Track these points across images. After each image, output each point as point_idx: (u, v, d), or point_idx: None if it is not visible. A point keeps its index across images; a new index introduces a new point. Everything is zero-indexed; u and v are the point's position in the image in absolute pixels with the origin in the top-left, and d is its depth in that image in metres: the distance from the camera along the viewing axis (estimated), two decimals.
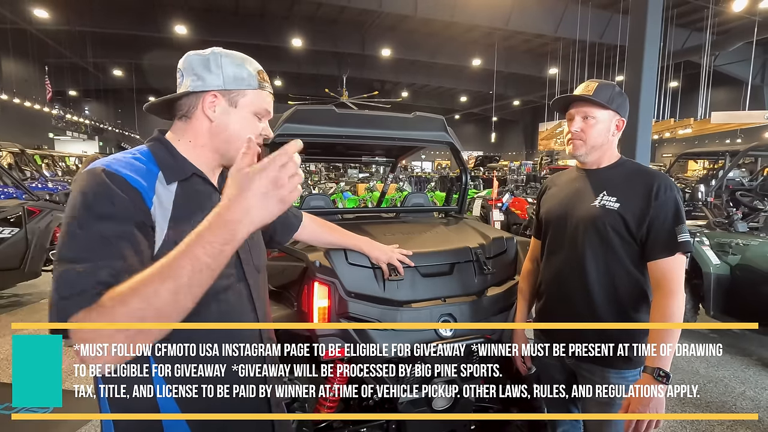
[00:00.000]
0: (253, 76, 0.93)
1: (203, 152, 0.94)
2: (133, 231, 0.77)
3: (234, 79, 0.92)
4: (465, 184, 2.44)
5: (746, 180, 7.92)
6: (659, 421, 1.24)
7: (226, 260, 0.69)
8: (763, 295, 3.32)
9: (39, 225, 4.45)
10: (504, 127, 33.38)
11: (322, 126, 1.96)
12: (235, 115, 0.92)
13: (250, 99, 0.93)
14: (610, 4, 13.69)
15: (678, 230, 1.27)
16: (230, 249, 0.68)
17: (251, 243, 1.00)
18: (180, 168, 0.90)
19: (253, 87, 0.93)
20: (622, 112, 1.40)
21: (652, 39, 6.08)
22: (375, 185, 10.55)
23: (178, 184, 0.88)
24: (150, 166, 0.87)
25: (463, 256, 1.68)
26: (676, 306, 1.26)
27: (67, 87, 23.16)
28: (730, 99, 18.77)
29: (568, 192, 1.46)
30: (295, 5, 15.01)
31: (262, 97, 0.94)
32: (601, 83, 1.37)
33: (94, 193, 0.76)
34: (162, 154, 0.90)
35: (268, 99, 0.96)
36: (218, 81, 0.91)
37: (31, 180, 9.24)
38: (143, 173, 0.84)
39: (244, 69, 0.93)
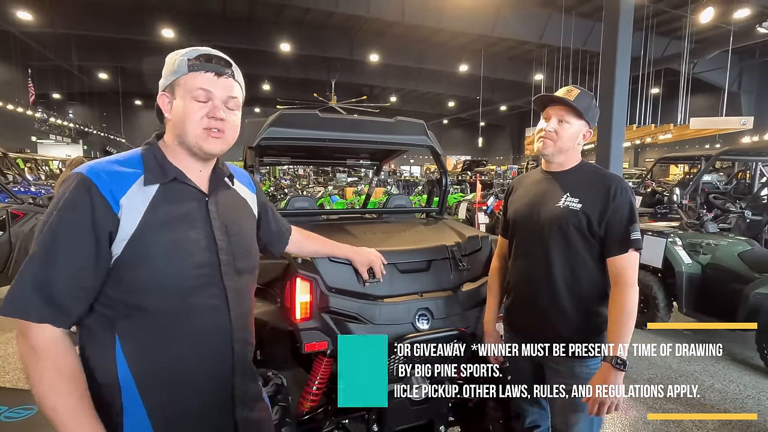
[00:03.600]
0: (182, 63, 0.94)
1: (177, 150, 0.98)
2: (87, 237, 0.86)
3: (171, 74, 0.95)
4: (445, 187, 2.53)
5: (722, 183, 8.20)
6: (619, 402, 1.34)
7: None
8: (731, 292, 3.48)
9: (23, 228, 4.42)
10: (491, 131, 33.73)
11: (306, 130, 2.02)
12: (178, 104, 0.95)
13: (183, 85, 0.94)
14: (592, 13, 14.03)
15: (631, 229, 1.38)
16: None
17: (236, 245, 1.02)
18: (162, 171, 0.95)
19: (183, 73, 0.94)
20: (591, 124, 1.50)
21: (624, 47, 6.27)
22: (363, 189, 10.63)
23: (161, 186, 0.94)
24: (135, 168, 0.93)
25: (439, 254, 1.76)
26: (631, 299, 1.37)
27: (51, 90, 22.77)
28: (708, 105, 19.31)
29: (534, 193, 1.55)
30: (284, 10, 15.04)
31: (194, 78, 0.93)
32: (582, 91, 1.45)
33: (67, 201, 0.87)
34: (149, 157, 0.96)
35: (201, 78, 0.94)
36: (162, 80, 0.97)
37: (14, 184, 9.12)
38: (120, 177, 0.90)
39: (176, 60, 0.95)
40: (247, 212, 1.14)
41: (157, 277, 0.89)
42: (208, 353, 0.97)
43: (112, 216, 0.87)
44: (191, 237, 0.94)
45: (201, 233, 0.96)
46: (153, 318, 0.90)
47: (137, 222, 0.88)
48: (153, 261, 0.89)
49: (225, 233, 1.00)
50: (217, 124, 0.95)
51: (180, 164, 0.98)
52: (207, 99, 0.94)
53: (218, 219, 0.99)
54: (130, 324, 0.90)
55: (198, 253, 0.94)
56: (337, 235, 1.75)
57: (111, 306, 0.89)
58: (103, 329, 0.90)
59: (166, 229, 0.91)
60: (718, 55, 14.88)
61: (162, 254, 0.90)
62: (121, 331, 0.89)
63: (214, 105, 0.95)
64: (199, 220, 0.97)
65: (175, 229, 0.93)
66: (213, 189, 1.02)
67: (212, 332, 0.97)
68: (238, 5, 14.86)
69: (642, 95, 15.72)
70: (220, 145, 0.97)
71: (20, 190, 8.35)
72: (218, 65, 0.95)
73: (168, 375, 0.93)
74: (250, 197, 1.17)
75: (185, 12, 14.81)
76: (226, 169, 1.08)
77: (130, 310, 0.89)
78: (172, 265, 0.91)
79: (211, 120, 0.94)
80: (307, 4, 13.24)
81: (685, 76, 14.21)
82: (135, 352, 0.90)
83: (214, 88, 0.94)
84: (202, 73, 0.94)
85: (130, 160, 0.95)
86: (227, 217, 1.02)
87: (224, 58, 0.98)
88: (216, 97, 0.95)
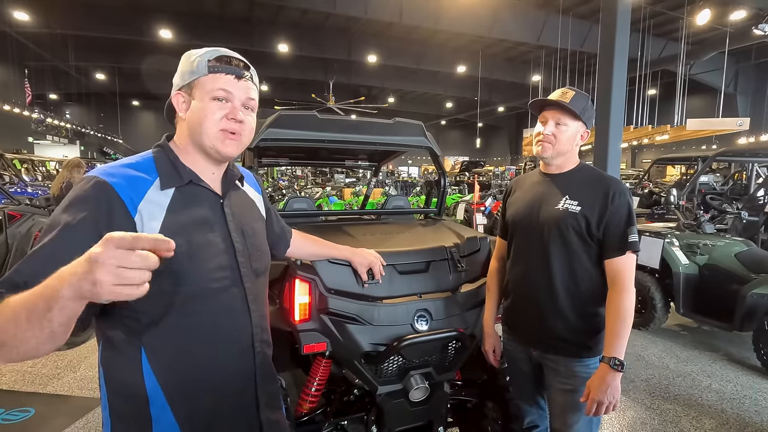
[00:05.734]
0: (202, 64, 0.93)
1: (191, 151, 0.97)
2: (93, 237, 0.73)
3: (189, 73, 0.94)
4: (443, 188, 2.53)
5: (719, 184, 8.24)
6: (617, 403, 1.34)
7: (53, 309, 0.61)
8: (728, 293, 3.49)
9: (20, 230, 4.39)
10: (489, 132, 33.79)
11: (304, 131, 2.02)
12: (196, 105, 0.93)
13: (202, 86, 0.93)
14: (589, 14, 14.07)
15: (629, 231, 1.39)
16: (54, 306, 0.61)
17: (251, 247, 1.01)
18: (177, 174, 0.93)
19: (203, 74, 0.92)
20: (588, 125, 1.50)
21: (621, 48, 6.30)
22: (361, 190, 10.63)
23: (176, 189, 0.92)
24: (148, 172, 0.91)
25: (438, 255, 1.76)
26: (629, 301, 1.37)
27: (48, 90, 22.72)
28: (704, 106, 19.40)
29: (533, 195, 1.56)
30: (281, 11, 15.05)
31: (214, 80, 0.93)
32: (577, 93, 1.45)
33: (76, 198, 0.82)
34: (162, 160, 0.94)
35: (223, 80, 0.93)
36: (178, 80, 0.95)
37: (11, 185, 9.08)
38: (136, 181, 0.88)
39: (195, 60, 0.93)
40: (256, 213, 1.13)
41: (180, 282, 0.87)
42: (233, 356, 0.97)
43: (129, 221, 0.84)
44: (210, 240, 0.93)
45: (219, 236, 0.95)
46: (177, 325, 0.89)
47: (158, 228, 0.86)
48: (176, 267, 0.86)
49: (241, 235, 1.00)
50: (235, 126, 0.94)
51: (193, 166, 0.96)
52: (227, 100, 0.94)
53: (233, 221, 0.99)
54: (156, 333, 0.88)
55: (218, 256, 0.94)
56: (335, 236, 1.75)
57: (134, 317, 0.87)
58: (127, 343, 0.88)
59: (186, 234, 0.89)
60: (714, 57, 14.95)
61: (184, 259, 0.87)
62: (147, 342, 0.87)
63: (233, 106, 0.94)
64: (217, 223, 0.96)
65: (195, 233, 0.91)
66: (226, 191, 1.02)
67: (236, 335, 0.97)
68: (236, 6, 14.86)
69: (639, 96, 15.79)
70: (236, 148, 0.97)
71: (17, 191, 8.32)
72: (238, 68, 0.95)
73: (195, 381, 0.92)
74: (258, 198, 1.18)
75: (183, 12, 14.79)
76: (236, 170, 1.08)
77: (155, 319, 0.87)
78: (194, 270, 0.89)
79: (231, 122, 0.94)
80: (304, 5, 13.23)
81: (681, 77, 14.27)
82: (161, 361, 0.88)
83: (234, 89, 0.94)
84: (223, 75, 0.93)
85: (142, 164, 0.92)
86: (241, 218, 1.02)
87: (243, 60, 0.98)
88: (235, 98, 0.94)
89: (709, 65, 16.38)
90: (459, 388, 1.99)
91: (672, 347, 3.85)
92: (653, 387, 3.12)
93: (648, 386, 3.12)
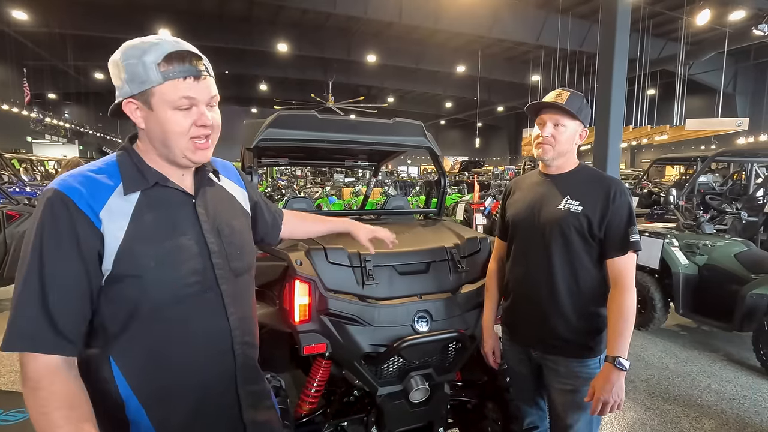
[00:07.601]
0: (153, 71, 0.82)
1: (156, 155, 0.91)
2: (75, 262, 0.80)
3: (137, 82, 0.83)
4: (443, 188, 2.53)
5: (718, 184, 8.24)
6: (621, 402, 1.34)
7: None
8: (728, 293, 3.49)
9: (18, 229, 4.38)
10: (488, 132, 33.78)
11: (304, 131, 2.01)
12: (156, 118, 0.85)
13: (159, 97, 0.83)
14: (589, 14, 14.08)
15: (630, 231, 1.39)
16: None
17: (229, 247, 0.97)
18: (141, 177, 0.88)
19: (157, 82, 0.82)
20: (585, 123, 1.50)
21: (621, 49, 6.30)
22: (360, 190, 10.62)
23: (142, 193, 0.87)
24: (111, 178, 0.87)
25: (438, 256, 1.76)
26: (631, 300, 1.37)
27: (47, 90, 22.65)
28: (704, 107, 19.41)
29: (533, 196, 1.55)
30: (281, 10, 15.02)
31: (174, 88, 0.83)
32: (572, 93, 1.45)
33: (46, 223, 0.80)
34: (126, 163, 0.89)
35: (182, 87, 0.84)
36: (126, 87, 0.85)
37: (9, 184, 9.06)
38: (96, 187, 0.84)
39: (141, 65, 0.82)
40: (236, 209, 1.07)
41: (149, 289, 0.84)
42: (209, 359, 0.94)
43: (95, 233, 0.81)
44: (182, 244, 0.89)
45: (192, 239, 0.90)
46: (147, 331, 0.87)
47: (121, 236, 0.83)
48: (143, 274, 0.83)
49: (216, 235, 0.95)
50: (206, 131, 0.89)
51: (161, 168, 0.91)
52: (191, 106, 0.86)
53: (208, 221, 0.94)
54: (125, 339, 0.86)
55: (190, 260, 0.89)
56: (335, 236, 1.74)
57: (102, 323, 0.85)
58: (96, 347, 0.86)
59: (154, 240, 0.86)
60: (713, 57, 14.95)
61: (152, 266, 0.84)
62: (116, 348, 0.86)
63: (200, 111, 0.87)
64: (188, 225, 0.91)
65: (164, 238, 0.87)
66: (199, 188, 0.96)
67: (211, 338, 0.94)
68: (236, 5, 14.84)
69: (638, 96, 15.79)
70: (209, 152, 0.93)
71: (16, 191, 8.30)
72: (193, 66, 0.85)
73: (170, 385, 0.90)
74: (239, 192, 1.11)
75: (182, 12, 14.77)
76: (209, 164, 0.99)
77: (122, 326, 0.85)
78: (164, 277, 0.86)
79: (200, 128, 0.88)
80: (304, 5, 13.21)
81: (681, 77, 14.28)
82: (132, 367, 0.87)
83: (196, 93, 0.86)
84: (181, 80, 0.83)
85: (104, 168, 0.88)
86: (217, 217, 0.97)
87: (195, 53, 0.87)
88: (200, 102, 0.87)
89: (709, 65, 16.38)
90: (459, 388, 1.99)
91: (672, 347, 3.85)
92: (653, 387, 3.12)
93: (648, 386, 3.12)
